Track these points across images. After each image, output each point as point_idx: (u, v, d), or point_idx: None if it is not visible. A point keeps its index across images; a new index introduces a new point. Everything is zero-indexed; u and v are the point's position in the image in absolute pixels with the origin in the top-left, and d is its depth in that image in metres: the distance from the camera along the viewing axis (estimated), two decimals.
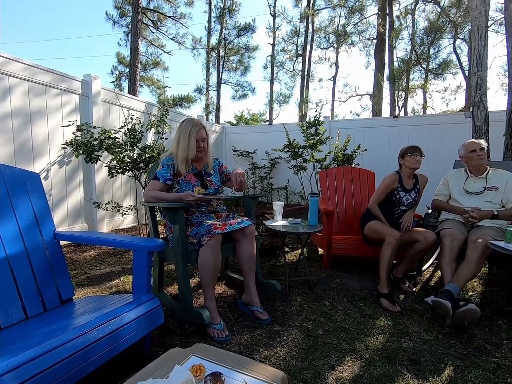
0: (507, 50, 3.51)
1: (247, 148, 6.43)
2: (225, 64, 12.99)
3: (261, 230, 3.07)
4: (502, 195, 2.17)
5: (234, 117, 17.64)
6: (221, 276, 2.38)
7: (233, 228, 1.70)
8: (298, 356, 1.43)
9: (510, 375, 1.32)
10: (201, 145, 1.85)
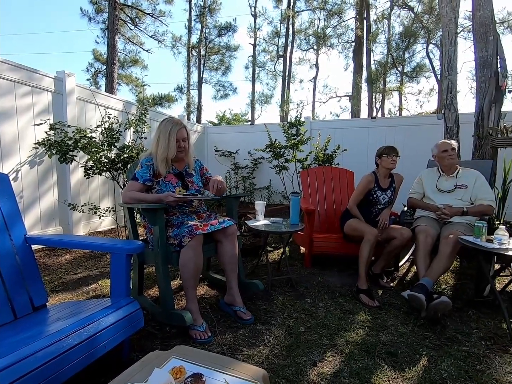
0: (474, 56, 3.71)
1: (229, 148, 6.40)
2: (206, 63, 12.88)
3: (243, 230, 3.07)
4: (471, 193, 2.29)
5: (216, 117, 17.51)
6: (203, 277, 2.35)
7: (214, 228, 1.69)
8: (281, 354, 1.44)
9: (479, 362, 1.40)
10: (181, 145, 1.82)
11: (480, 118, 3.55)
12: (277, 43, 14.15)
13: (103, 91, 5.39)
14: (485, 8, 3.59)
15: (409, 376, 1.30)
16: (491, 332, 1.65)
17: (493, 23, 3.65)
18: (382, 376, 1.30)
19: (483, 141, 3.51)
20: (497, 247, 1.69)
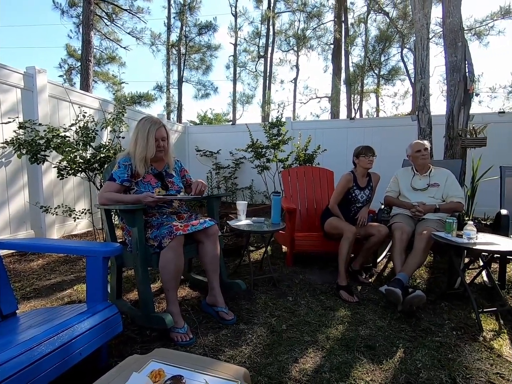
0: (445, 60, 3.90)
1: (211, 148, 6.35)
2: (186, 62, 12.69)
3: (225, 230, 3.05)
4: (443, 191, 2.41)
5: (197, 117, 17.32)
6: (184, 278, 2.32)
7: (195, 229, 1.67)
8: (263, 352, 1.45)
9: (450, 351, 1.47)
10: (161, 145, 1.79)
11: (451, 120, 3.73)
12: (258, 43, 14.20)
13: (78, 89, 5.18)
14: (454, 15, 3.78)
15: (386, 368, 1.35)
16: (462, 323, 1.74)
17: (461, 30, 3.85)
18: (361, 369, 1.34)
19: (453, 142, 3.69)
20: (466, 242, 1.79)
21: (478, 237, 1.84)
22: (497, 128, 4.17)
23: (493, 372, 1.33)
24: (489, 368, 1.36)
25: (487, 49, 17.56)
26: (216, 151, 6.32)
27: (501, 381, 1.28)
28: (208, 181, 6.23)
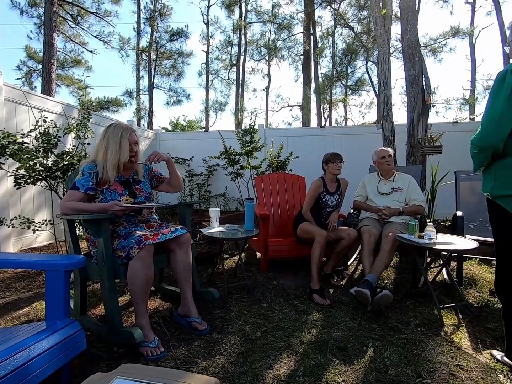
0: (405, 74, 4.18)
1: (183, 155, 6.25)
2: (157, 68, 12.48)
3: (198, 238, 3.00)
4: (406, 195, 2.55)
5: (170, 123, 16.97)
6: (155, 290, 2.24)
7: (166, 237, 1.62)
8: (237, 361, 1.43)
9: (416, 347, 1.55)
10: (134, 149, 1.76)
11: (411, 129, 3.99)
12: (230, 52, 14.35)
13: (39, 92, 4.89)
14: (411, 33, 4.09)
15: (357, 368, 1.38)
16: (425, 319, 1.84)
17: (418, 46, 4.17)
18: (333, 371, 1.36)
19: (414, 149, 3.95)
20: (427, 242, 1.90)
21: (437, 238, 1.98)
22: (452, 137, 4.52)
23: (454, 364, 1.42)
24: (450, 360, 1.44)
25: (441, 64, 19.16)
26: (188, 158, 6.22)
27: (460, 372, 1.36)
28: None
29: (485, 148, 1.28)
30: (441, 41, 12.71)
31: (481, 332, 1.70)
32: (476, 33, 13.21)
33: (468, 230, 2.56)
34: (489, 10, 12.31)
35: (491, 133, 1.24)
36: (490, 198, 1.35)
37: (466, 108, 13.57)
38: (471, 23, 13.10)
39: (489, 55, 35.02)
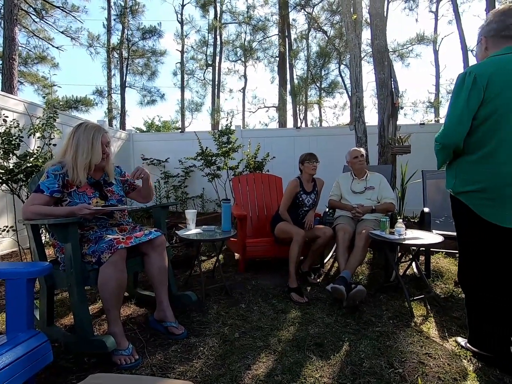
0: (375, 77, 4.35)
1: (159, 157, 6.09)
2: (129, 66, 12.08)
3: (175, 241, 2.94)
4: (377, 193, 2.66)
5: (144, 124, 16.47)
6: (129, 295, 2.16)
7: (139, 240, 1.57)
8: (215, 364, 1.41)
9: (388, 339, 1.61)
10: (106, 151, 1.70)
11: (382, 130, 4.16)
12: (206, 52, 14.23)
13: None
14: (380, 38, 4.26)
15: (333, 363, 1.41)
16: (397, 311, 1.92)
17: (387, 51, 4.36)
18: (311, 367, 1.38)
19: (385, 149, 4.12)
20: (397, 238, 1.99)
21: (407, 233, 2.07)
22: (419, 137, 4.76)
23: (423, 353, 1.49)
24: (420, 349, 1.52)
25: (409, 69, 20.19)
26: (164, 159, 6.08)
27: (429, 360, 1.44)
28: (156, 191, 5.95)
29: (447, 146, 1.36)
30: (408, 47, 13.41)
31: (447, 321, 1.80)
32: (439, 40, 14.07)
33: (435, 226, 2.71)
34: (450, 19, 13.17)
35: (453, 131, 1.32)
36: (453, 194, 1.43)
37: (432, 110, 14.42)
38: (434, 31, 13.93)
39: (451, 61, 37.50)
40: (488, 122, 1.26)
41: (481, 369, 1.36)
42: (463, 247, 1.46)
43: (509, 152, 1.24)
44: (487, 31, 1.34)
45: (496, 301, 1.34)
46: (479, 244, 1.36)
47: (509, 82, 1.22)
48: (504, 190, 1.26)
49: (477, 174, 1.32)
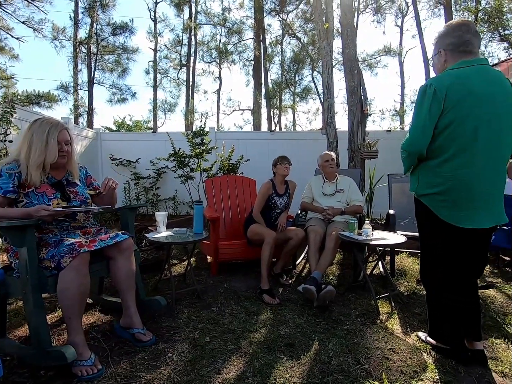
0: (345, 84, 4.53)
1: (129, 157, 5.86)
2: (98, 62, 11.53)
3: (144, 244, 2.84)
4: (347, 196, 2.75)
5: (114, 123, 15.82)
6: (94, 302, 2.04)
7: (104, 244, 1.50)
8: (184, 369, 1.37)
9: (356, 337, 1.66)
10: (64, 149, 1.58)
11: (352, 135, 4.33)
12: (180, 51, 13.98)
13: None
14: (351, 47, 4.45)
15: (303, 362, 1.43)
16: (364, 310, 2.00)
17: (357, 60, 4.57)
18: (281, 368, 1.39)
19: (354, 154, 4.29)
20: (364, 239, 2.07)
21: (373, 234, 2.16)
22: (386, 143, 5.01)
23: (387, 348, 1.56)
24: (384, 345, 1.58)
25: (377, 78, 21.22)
26: (135, 160, 5.86)
27: (393, 354, 1.51)
28: (125, 193, 5.71)
29: (412, 153, 1.44)
30: (376, 57, 14.14)
31: (410, 317, 1.90)
32: (404, 53, 14.97)
33: (399, 227, 2.86)
34: (414, 34, 14.08)
35: (418, 140, 1.40)
36: (416, 197, 1.52)
37: (397, 118, 15.28)
38: (400, 44, 14.82)
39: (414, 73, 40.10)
40: (447, 131, 1.35)
41: (439, 361, 1.45)
42: (424, 247, 1.55)
43: (464, 158, 1.34)
44: (446, 45, 1.43)
45: (453, 300, 1.43)
46: (439, 244, 1.45)
47: (464, 94, 1.31)
48: (460, 192, 1.36)
49: (437, 178, 1.41)
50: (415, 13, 11.44)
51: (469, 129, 1.32)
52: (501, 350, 1.55)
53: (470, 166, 1.33)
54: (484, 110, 1.31)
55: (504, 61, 3.24)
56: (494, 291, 2.32)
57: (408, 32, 25.53)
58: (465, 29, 1.41)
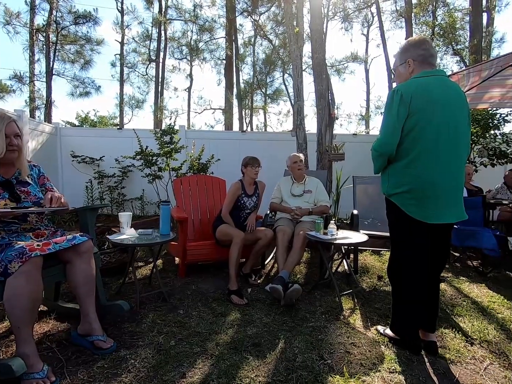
0: (314, 88, 4.66)
1: (92, 154, 5.54)
2: (58, 52, 10.76)
3: (107, 246, 2.70)
4: (314, 197, 2.83)
5: (77, 118, 14.84)
6: (49, 309, 1.91)
7: (60, 247, 1.40)
8: (147, 376, 1.33)
9: (320, 333, 1.72)
10: (13, 142, 1.46)
11: (320, 138, 4.47)
12: (149, 46, 13.48)
13: None
14: (320, 52, 4.59)
15: (269, 361, 1.45)
16: (329, 306, 2.07)
17: (325, 65, 4.72)
18: (247, 368, 1.40)
19: (322, 156, 4.43)
20: (329, 238, 2.15)
21: (338, 234, 2.25)
22: (352, 146, 5.24)
23: (349, 342, 1.63)
24: (346, 340, 1.65)
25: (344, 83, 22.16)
26: (98, 157, 5.55)
27: (354, 348, 1.58)
28: (88, 192, 5.40)
29: (384, 153, 1.53)
30: (344, 63, 14.73)
31: (370, 312, 2.00)
32: (369, 60, 15.76)
33: (363, 226, 3.00)
34: (379, 43, 14.90)
35: (388, 140, 1.50)
36: (386, 196, 1.61)
37: (363, 123, 16.04)
38: (366, 52, 15.59)
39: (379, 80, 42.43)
40: (412, 134, 1.46)
41: (395, 352, 1.55)
42: (394, 243, 1.64)
43: (428, 158, 1.46)
44: (416, 56, 1.55)
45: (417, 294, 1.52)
46: (408, 241, 1.54)
47: (426, 101, 1.44)
48: (426, 191, 1.46)
49: (404, 177, 1.51)
50: (380, 24, 12.10)
51: (431, 132, 1.44)
52: (449, 339, 1.69)
53: (433, 166, 1.45)
54: (444, 115, 1.44)
55: (456, 73, 3.52)
56: (445, 285, 2.52)
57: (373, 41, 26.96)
58: (429, 44, 1.57)
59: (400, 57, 1.62)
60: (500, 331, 1.79)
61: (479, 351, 1.59)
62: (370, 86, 15.93)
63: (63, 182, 5.59)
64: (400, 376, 1.37)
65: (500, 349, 1.60)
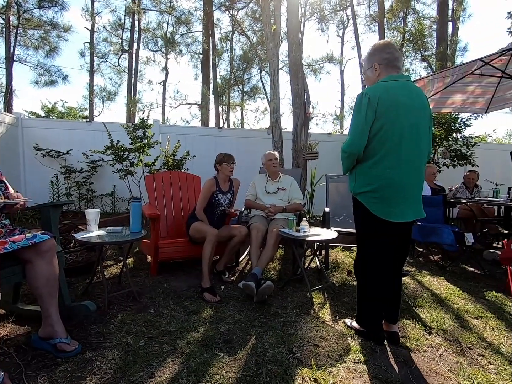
0: (291, 87, 4.71)
1: (58, 147, 5.23)
2: (20, 37, 10.00)
3: (73, 245, 2.58)
4: (288, 194, 2.88)
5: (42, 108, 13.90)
6: (7, 312, 1.79)
7: (18, 246, 1.32)
8: (114, 377, 1.29)
9: (291, 327, 1.76)
10: None
11: (296, 136, 4.53)
12: (122, 36, 12.93)
13: None
14: (296, 52, 4.64)
15: (240, 357, 1.47)
16: (300, 302, 2.12)
17: (302, 65, 4.78)
18: (218, 364, 1.40)
19: (297, 154, 4.50)
20: (301, 235, 2.20)
21: (310, 231, 2.31)
22: (326, 145, 5.37)
23: (318, 336, 1.68)
24: (316, 333, 1.71)
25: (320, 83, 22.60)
26: (65, 151, 5.26)
27: (322, 341, 1.63)
28: (53, 188, 5.10)
29: (353, 154, 1.58)
30: (320, 64, 15.01)
31: (339, 306, 2.08)
32: (344, 62, 16.19)
33: (335, 223, 3.10)
34: (353, 46, 15.34)
35: (357, 141, 1.55)
36: (353, 195, 1.67)
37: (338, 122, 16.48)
38: (341, 54, 16.01)
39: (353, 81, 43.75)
40: (378, 135, 1.52)
41: (360, 343, 1.62)
42: (360, 240, 1.70)
43: (392, 159, 1.53)
44: (381, 60, 1.61)
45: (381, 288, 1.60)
46: (373, 238, 1.62)
47: (392, 104, 1.50)
48: (389, 190, 1.54)
49: (370, 177, 1.57)
50: (354, 27, 12.45)
51: (395, 134, 1.51)
52: (410, 329, 1.80)
53: (396, 167, 1.52)
54: (407, 118, 1.52)
55: (422, 78, 3.72)
56: (408, 278, 2.68)
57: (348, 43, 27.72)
58: (393, 47, 1.64)
59: (367, 61, 1.68)
60: (455, 320, 1.93)
61: (436, 339, 1.71)
62: (344, 87, 16.41)
63: (25, 176, 5.25)
64: (364, 366, 1.44)
65: (454, 337, 1.73)
